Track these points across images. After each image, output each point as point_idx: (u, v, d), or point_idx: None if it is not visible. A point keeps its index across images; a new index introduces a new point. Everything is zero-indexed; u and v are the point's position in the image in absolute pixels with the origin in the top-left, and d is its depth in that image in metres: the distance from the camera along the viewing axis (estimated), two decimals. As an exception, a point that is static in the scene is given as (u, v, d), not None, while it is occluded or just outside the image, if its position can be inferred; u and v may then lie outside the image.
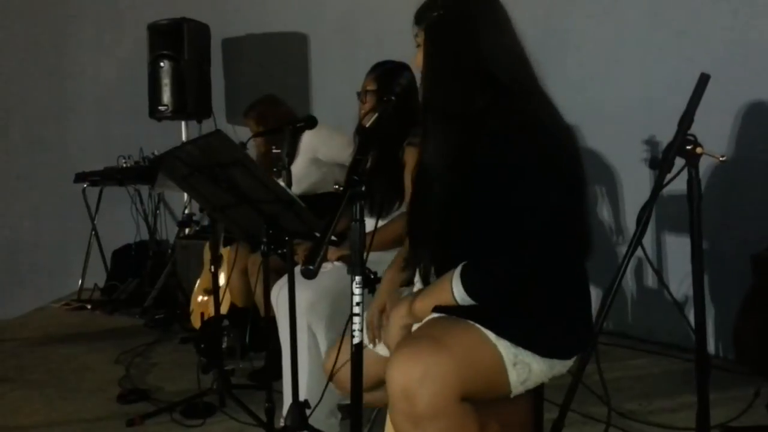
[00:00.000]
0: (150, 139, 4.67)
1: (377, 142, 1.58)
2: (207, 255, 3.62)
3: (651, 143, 3.53)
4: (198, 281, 3.69)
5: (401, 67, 2.42)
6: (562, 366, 1.59)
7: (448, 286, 1.50)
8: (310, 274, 1.23)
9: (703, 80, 1.69)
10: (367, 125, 1.64)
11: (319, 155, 3.17)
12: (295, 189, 3.19)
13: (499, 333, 1.48)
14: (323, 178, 3.26)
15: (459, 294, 1.49)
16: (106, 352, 3.59)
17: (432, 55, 1.59)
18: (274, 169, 2.85)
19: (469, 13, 1.57)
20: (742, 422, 2.51)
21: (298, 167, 3.16)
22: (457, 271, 1.50)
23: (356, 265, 1.39)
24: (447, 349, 1.41)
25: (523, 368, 1.50)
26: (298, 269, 2.33)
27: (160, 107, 4.48)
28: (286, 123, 2.41)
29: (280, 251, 2.43)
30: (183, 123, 4.73)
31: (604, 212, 3.74)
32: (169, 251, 4.68)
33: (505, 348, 1.49)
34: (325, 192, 3.25)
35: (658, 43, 3.51)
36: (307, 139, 3.18)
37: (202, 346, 3.19)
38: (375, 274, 1.41)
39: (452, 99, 1.57)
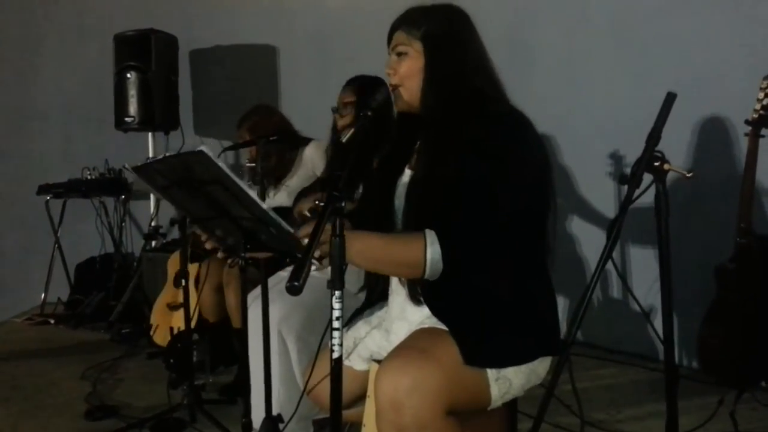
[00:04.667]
0: (116, 150, 4.62)
1: (354, 157, 1.59)
2: (171, 269, 3.59)
3: (616, 157, 3.60)
4: (159, 296, 3.67)
5: (378, 82, 2.44)
6: (536, 378, 1.63)
7: (417, 244, 1.48)
8: (294, 291, 1.23)
9: (670, 99, 1.74)
10: (344, 140, 1.65)
11: (317, 171, 3.15)
12: (288, 202, 3.19)
13: (473, 362, 1.49)
14: None
15: (433, 255, 1.47)
16: (72, 367, 3.52)
17: (435, 65, 1.62)
18: (249, 182, 2.84)
19: (464, 27, 1.67)
20: (706, 430, 2.57)
21: (296, 181, 3.16)
22: (431, 233, 1.48)
23: (336, 279, 1.40)
24: (436, 361, 1.43)
25: (504, 383, 1.53)
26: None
27: (126, 118, 4.42)
28: (260, 136, 2.42)
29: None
30: (150, 135, 4.68)
31: (570, 225, 3.80)
32: (135, 264, 4.62)
33: None
34: None
35: (623, 59, 3.59)
36: (308, 154, 3.19)
37: (172, 360, 3.15)
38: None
39: (454, 107, 1.61)
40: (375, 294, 1.84)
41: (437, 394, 1.40)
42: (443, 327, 1.54)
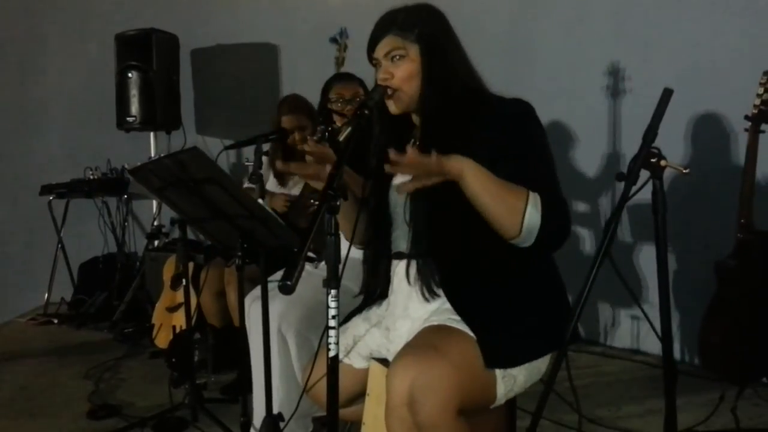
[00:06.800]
0: (118, 150, 4.64)
1: (350, 155, 1.59)
2: (167, 274, 3.60)
3: (616, 154, 3.60)
4: (158, 302, 3.68)
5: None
6: (538, 374, 1.63)
7: (520, 194, 1.46)
8: (287, 290, 1.23)
9: (666, 95, 1.73)
10: (341, 139, 1.65)
11: None
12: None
13: (495, 365, 1.50)
14: None
15: (532, 218, 1.46)
16: (75, 367, 3.53)
17: (434, 65, 1.63)
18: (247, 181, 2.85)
19: (447, 24, 1.69)
20: (708, 426, 2.57)
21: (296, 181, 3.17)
22: (536, 196, 1.47)
23: (332, 278, 1.41)
24: (449, 359, 1.43)
25: (510, 380, 1.54)
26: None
27: (128, 118, 4.43)
28: (259, 135, 2.42)
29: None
30: (152, 134, 4.68)
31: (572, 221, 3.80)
32: (138, 264, 4.64)
33: None
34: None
35: (623, 56, 3.58)
36: None
37: (174, 360, 3.16)
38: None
39: (454, 106, 1.63)
40: (373, 298, 1.84)
41: (451, 392, 1.39)
42: (451, 324, 1.54)
